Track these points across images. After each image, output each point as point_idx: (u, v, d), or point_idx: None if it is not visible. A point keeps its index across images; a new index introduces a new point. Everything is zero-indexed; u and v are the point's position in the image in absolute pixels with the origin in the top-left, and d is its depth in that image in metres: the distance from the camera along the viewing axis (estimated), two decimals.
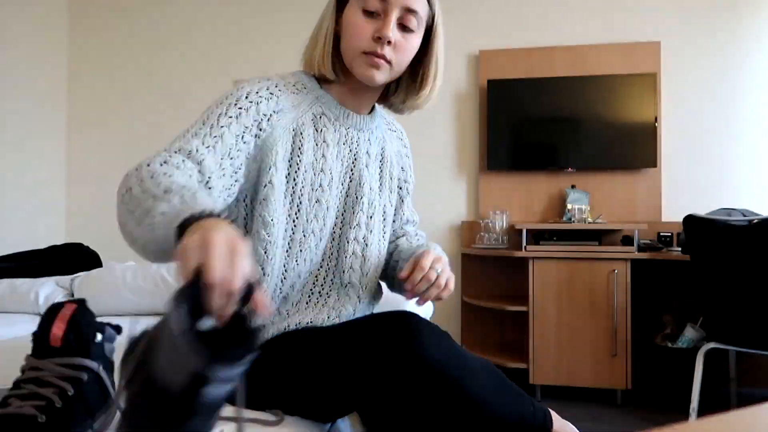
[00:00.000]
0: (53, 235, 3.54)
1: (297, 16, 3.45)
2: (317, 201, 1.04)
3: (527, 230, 2.84)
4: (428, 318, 1.52)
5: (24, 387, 0.79)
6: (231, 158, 0.94)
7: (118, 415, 0.90)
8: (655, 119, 3.01)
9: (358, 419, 1.04)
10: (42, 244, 3.07)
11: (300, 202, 1.02)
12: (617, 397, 2.72)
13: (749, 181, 3.04)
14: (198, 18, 3.60)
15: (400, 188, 1.23)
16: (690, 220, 2.18)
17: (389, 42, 0.99)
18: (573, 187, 3.10)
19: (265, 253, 0.99)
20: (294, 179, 1.01)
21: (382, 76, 1.02)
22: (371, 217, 1.12)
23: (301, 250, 1.03)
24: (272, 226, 0.99)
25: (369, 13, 0.99)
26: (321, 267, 1.08)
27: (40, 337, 0.82)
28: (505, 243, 3.05)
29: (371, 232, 1.12)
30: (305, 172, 1.02)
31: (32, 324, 1.95)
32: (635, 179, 3.09)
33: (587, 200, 3.02)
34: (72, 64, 3.72)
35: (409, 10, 1.00)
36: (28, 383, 0.79)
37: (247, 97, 0.97)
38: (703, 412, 2.17)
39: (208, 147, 0.91)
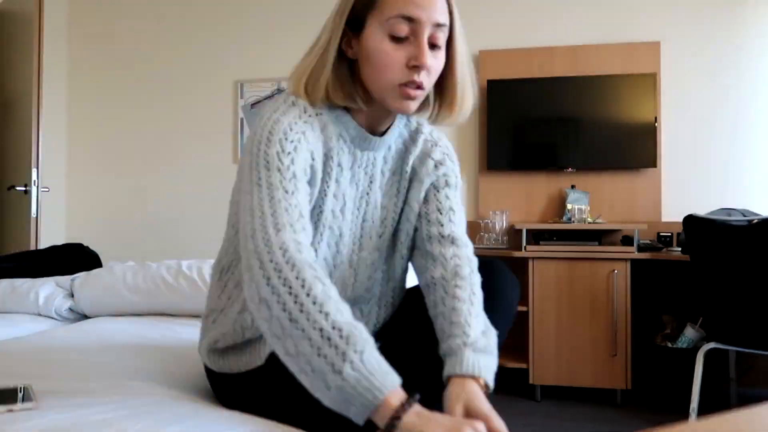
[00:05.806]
0: (53, 235, 3.54)
1: (298, 17, 3.45)
2: (330, 228, 0.98)
3: (527, 230, 2.84)
4: None
5: None
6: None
7: None
8: (655, 119, 3.01)
9: None
10: (42, 245, 3.07)
11: (322, 230, 0.98)
12: (617, 397, 2.72)
13: (749, 181, 3.03)
14: (198, 18, 3.60)
15: (436, 187, 1.08)
16: (690, 220, 2.18)
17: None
18: (573, 187, 3.09)
19: None
20: (320, 207, 0.96)
21: (416, 104, 0.94)
22: (381, 236, 1.07)
23: None
24: None
25: (396, 38, 0.89)
26: (343, 292, 0.98)
27: None
28: (504, 243, 3.04)
29: (390, 255, 1.09)
30: (323, 198, 0.96)
31: (32, 324, 1.95)
32: (635, 179, 3.09)
33: (587, 200, 3.02)
34: (72, 65, 3.72)
35: (438, 25, 0.90)
36: None
37: (284, 150, 0.89)
38: (703, 412, 2.16)
39: (299, 220, 0.86)
